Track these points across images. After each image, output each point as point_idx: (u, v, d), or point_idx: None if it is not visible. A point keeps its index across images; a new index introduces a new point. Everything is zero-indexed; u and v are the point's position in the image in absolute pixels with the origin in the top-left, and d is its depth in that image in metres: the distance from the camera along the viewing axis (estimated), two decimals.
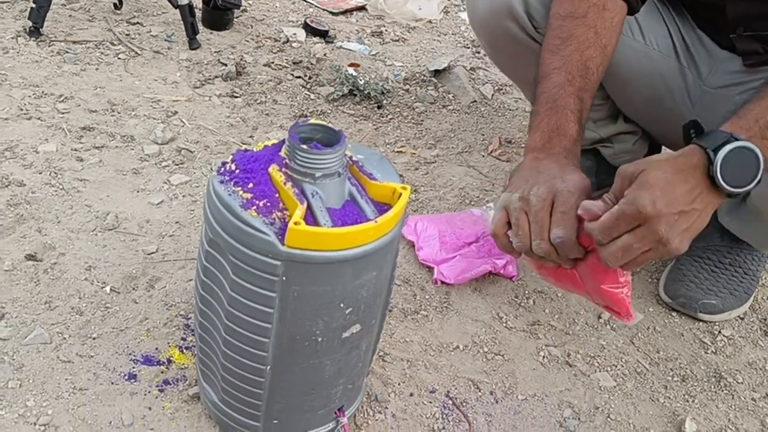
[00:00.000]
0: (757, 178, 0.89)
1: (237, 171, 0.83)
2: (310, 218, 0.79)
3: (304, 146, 0.79)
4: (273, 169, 0.82)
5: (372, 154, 0.91)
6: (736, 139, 0.89)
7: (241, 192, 0.80)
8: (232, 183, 0.81)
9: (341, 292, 0.81)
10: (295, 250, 0.76)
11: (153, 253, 1.25)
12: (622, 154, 1.48)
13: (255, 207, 0.78)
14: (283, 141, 0.84)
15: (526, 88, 1.51)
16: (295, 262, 0.77)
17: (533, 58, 1.17)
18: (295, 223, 0.75)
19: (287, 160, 0.81)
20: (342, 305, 0.83)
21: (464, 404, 1.08)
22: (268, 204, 0.79)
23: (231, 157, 0.86)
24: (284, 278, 0.78)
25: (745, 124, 0.92)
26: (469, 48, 2.24)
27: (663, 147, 1.52)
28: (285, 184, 0.80)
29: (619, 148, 1.48)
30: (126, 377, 1.03)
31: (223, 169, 0.83)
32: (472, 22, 1.42)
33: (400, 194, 0.83)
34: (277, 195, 0.80)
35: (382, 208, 0.84)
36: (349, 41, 2.16)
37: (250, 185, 0.80)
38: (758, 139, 0.91)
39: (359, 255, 0.79)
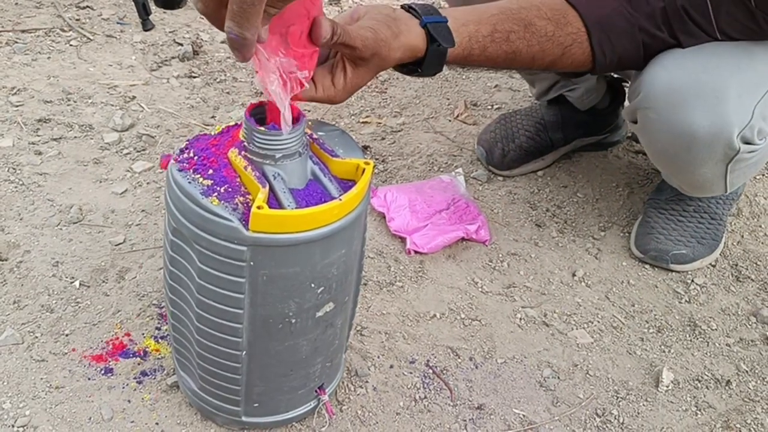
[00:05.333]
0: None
1: (195, 157, 0.81)
2: (274, 201, 0.78)
3: (262, 128, 0.78)
4: (232, 153, 0.80)
5: (332, 129, 0.90)
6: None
7: (201, 179, 0.78)
8: (191, 170, 0.80)
9: (311, 272, 0.81)
10: (260, 234, 0.75)
11: (120, 243, 1.23)
12: (588, 94, 1.48)
13: (216, 193, 0.77)
14: (241, 123, 0.82)
15: None
16: (261, 247, 0.76)
17: None
18: (258, 208, 0.74)
19: (246, 143, 0.80)
20: (313, 285, 0.82)
21: (444, 372, 1.09)
22: (230, 189, 0.77)
23: (188, 143, 0.84)
24: (252, 263, 0.77)
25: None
26: (447, 8, 2.21)
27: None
28: (245, 168, 0.78)
29: (585, 86, 1.48)
30: (102, 372, 1.02)
31: (181, 156, 0.82)
32: None
33: (364, 170, 0.82)
34: (238, 179, 0.79)
35: (347, 184, 0.83)
36: None
37: (210, 171, 0.79)
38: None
39: (326, 234, 0.78)
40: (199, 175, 0.78)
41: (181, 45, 1.83)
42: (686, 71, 1.05)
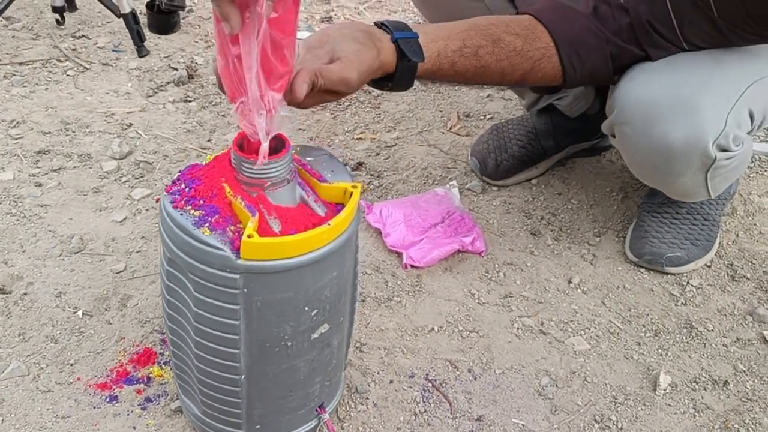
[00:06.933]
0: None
1: (186, 189, 0.83)
2: (266, 228, 0.79)
3: (250, 159, 0.80)
4: (222, 182, 0.82)
5: (321, 153, 0.92)
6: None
7: (191, 210, 0.80)
8: (183, 201, 0.82)
9: (304, 296, 0.83)
10: (251, 261, 0.77)
11: (122, 271, 1.25)
12: (577, 102, 1.50)
13: (207, 224, 0.79)
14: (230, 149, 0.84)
15: None
16: (253, 273, 0.78)
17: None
18: (249, 236, 0.76)
19: (236, 173, 0.82)
20: (307, 308, 0.84)
21: (444, 385, 1.10)
22: (221, 219, 0.79)
23: (179, 174, 0.86)
24: (245, 290, 0.79)
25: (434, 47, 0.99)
26: (420, 23, 2.23)
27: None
28: (235, 196, 0.80)
29: (574, 94, 1.50)
30: (107, 400, 1.04)
31: (173, 188, 0.84)
32: None
33: (351, 193, 0.84)
34: (228, 208, 0.81)
35: (336, 207, 0.85)
36: (299, 30, 2.14)
37: (201, 202, 0.81)
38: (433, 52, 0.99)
39: (317, 258, 0.80)
40: (190, 206, 0.81)
41: (176, 70, 1.86)
42: (658, 85, 1.07)
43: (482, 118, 1.77)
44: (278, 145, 0.83)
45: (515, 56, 1.04)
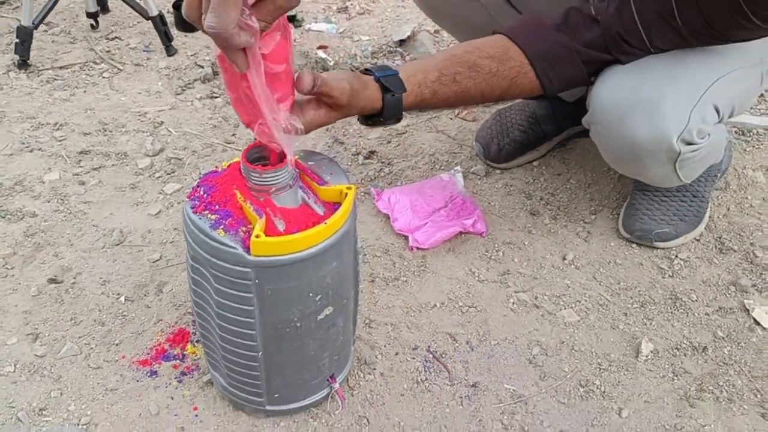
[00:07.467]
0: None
1: (205, 195, 0.97)
2: (272, 228, 0.93)
3: (257, 169, 0.93)
4: (234, 189, 0.95)
5: (321, 158, 1.04)
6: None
7: (209, 214, 0.94)
8: (201, 206, 0.95)
9: (308, 284, 0.96)
10: (260, 257, 0.91)
11: (157, 260, 1.40)
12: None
13: (222, 226, 0.92)
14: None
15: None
16: (263, 267, 0.92)
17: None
18: (257, 236, 0.89)
19: (245, 181, 0.95)
20: (311, 294, 0.97)
21: (443, 356, 1.23)
22: (233, 222, 0.93)
23: (199, 181, 0.99)
24: (257, 281, 0.93)
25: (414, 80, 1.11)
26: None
27: None
28: (245, 201, 0.94)
29: None
30: (148, 374, 1.19)
31: (193, 194, 0.97)
32: None
33: (347, 194, 0.96)
34: (240, 212, 0.94)
35: (334, 207, 0.97)
36: (316, 21, 2.26)
37: (216, 207, 0.94)
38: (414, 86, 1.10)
39: (316, 252, 0.93)
40: (207, 211, 0.94)
41: (202, 67, 1.99)
42: (626, 88, 1.17)
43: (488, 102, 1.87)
44: (280, 155, 0.96)
45: (492, 77, 1.15)
